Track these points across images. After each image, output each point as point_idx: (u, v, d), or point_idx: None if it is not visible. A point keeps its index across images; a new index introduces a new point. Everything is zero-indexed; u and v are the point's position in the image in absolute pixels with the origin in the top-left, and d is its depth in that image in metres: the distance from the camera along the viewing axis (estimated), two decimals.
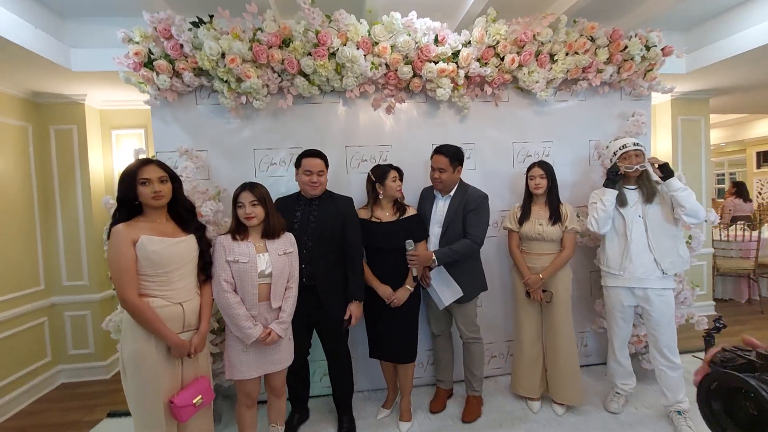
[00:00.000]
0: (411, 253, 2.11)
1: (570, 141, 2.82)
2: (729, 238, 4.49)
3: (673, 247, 2.15)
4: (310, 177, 2.06)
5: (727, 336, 3.21)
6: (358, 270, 2.14)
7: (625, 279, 2.21)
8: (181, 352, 1.59)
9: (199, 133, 2.47)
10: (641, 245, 2.16)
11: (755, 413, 0.71)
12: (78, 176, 3.11)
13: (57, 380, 3.12)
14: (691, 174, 3.80)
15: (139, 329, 1.53)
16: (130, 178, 1.56)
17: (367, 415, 2.43)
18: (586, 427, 2.24)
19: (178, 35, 2.18)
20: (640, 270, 2.16)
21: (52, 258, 3.10)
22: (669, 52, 2.67)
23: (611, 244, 2.26)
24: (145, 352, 1.54)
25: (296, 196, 2.18)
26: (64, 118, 3.08)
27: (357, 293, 2.12)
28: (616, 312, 2.30)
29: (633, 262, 2.17)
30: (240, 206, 1.80)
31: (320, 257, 2.06)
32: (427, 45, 2.39)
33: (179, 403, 1.55)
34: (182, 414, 1.56)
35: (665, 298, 2.17)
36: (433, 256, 2.13)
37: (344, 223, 2.11)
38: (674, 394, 2.17)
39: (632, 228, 2.17)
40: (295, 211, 2.11)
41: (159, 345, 1.56)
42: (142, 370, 1.53)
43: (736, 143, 8.07)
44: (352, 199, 2.22)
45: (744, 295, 4.46)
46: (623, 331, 2.32)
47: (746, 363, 0.76)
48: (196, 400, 1.60)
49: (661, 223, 2.15)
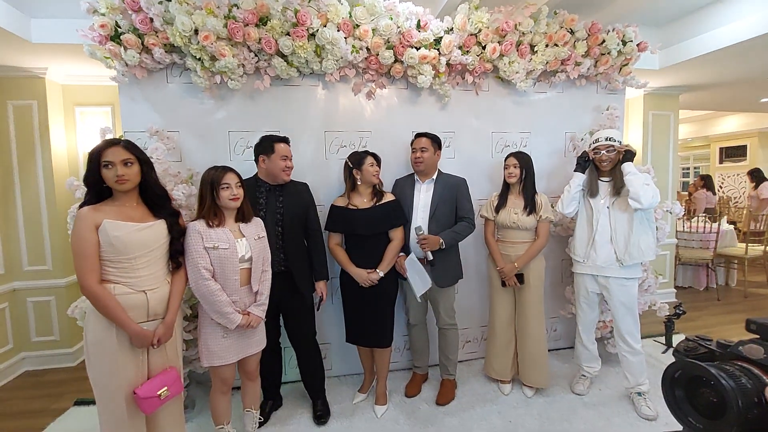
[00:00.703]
0: (422, 236, 2.18)
1: (547, 132, 2.87)
2: (691, 230, 4.72)
3: (634, 238, 2.19)
4: (286, 162, 2.07)
5: (686, 321, 3.42)
6: (320, 250, 2.23)
7: (588, 266, 2.32)
8: (143, 342, 1.52)
9: (171, 112, 2.36)
10: (605, 236, 2.24)
11: (714, 400, 0.75)
12: (39, 155, 2.93)
13: (20, 368, 3.00)
14: (659, 167, 3.95)
15: (100, 317, 1.48)
16: (94, 161, 1.49)
17: (343, 399, 2.46)
18: (553, 407, 2.34)
19: (148, 8, 2.06)
20: (602, 259, 2.25)
21: (12, 241, 2.94)
22: (644, 48, 2.73)
23: (579, 232, 2.35)
24: (106, 340, 1.48)
25: (254, 181, 2.13)
26: (22, 93, 2.88)
27: (323, 272, 2.22)
28: (581, 297, 2.41)
29: (596, 251, 2.26)
30: (225, 188, 1.75)
31: (291, 242, 2.09)
32: (409, 30, 2.35)
33: (142, 394, 1.50)
34: (146, 405, 1.51)
35: (626, 287, 2.24)
36: (441, 239, 2.21)
37: (307, 208, 2.19)
38: (635, 378, 2.29)
39: (599, 218, 2.26)
40: (257, 197, 2.08)
41: (120, 334, 1.50)
42: (103, 359, 1.49)
43: (702, 139, 8.44)
44: (307, 184, 2.27)
45: (702, 283, 4.73)
46: (588, 316, 2.42)
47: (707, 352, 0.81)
48: (162, 391, 1.54)
49: (624, 215, 2.20)
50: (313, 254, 2.21)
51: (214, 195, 1.75)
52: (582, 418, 2.25)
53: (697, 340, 0.84)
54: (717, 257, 4.57)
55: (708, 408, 0.76)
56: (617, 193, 2.22)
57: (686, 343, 0.84)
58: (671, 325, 3.08)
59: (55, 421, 2.34)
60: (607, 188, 2.27)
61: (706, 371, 0.73)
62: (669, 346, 3.06)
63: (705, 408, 0.77)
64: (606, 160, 2.23)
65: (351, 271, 2.20)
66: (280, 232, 2.07)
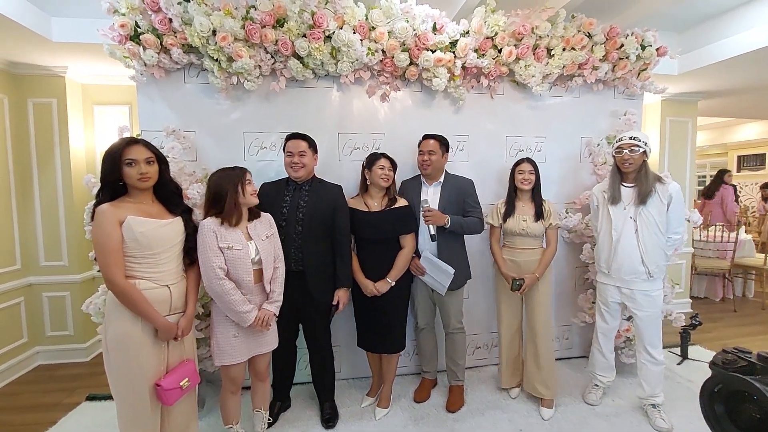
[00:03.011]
0: (426, 208, 2.14)
1: (562, 137, 2.83)
2: (708, 239, 4.62)
3: (661, 250, 2.14)
4: (291, 158, 2.06)
5: (702, 333, 3.34)
6: (346, 257, 2.14)
7: (611, 278, 2.25)
8: (168, 334, 1.56)
9: (187, 112, 2.38)
10: (630, 246, 2.14)
11: (758, 416, 0.70)
12: (57, 152, 2.98)
13: (34, 362, 3.04)
14: (676, 174, 3.87)
15: (124, 311, 1.49)
16: (115, 158, 1.50)
17: (352, 402, 2.44)
18: (565, 417, 2.30)
19: (167, 9, 2.08)
20: (627, 270, 2.15)
21: (29, 237, 2.99)
22: (663, 52, 2.69)
23: (602, 243, 2.26)
24: (131, 334, 1.50)
25: (285, 182, 2.16)
26: (43, 91, 2.94)
27: (344, 280, 2.13)
28: (602, 306, 2.35)
29: (620, 262, 2.17)
30: (248, 183, 1.79)
31: (310, 242, 2.05)
32: (425, 33, 2.35)
33: (166, 386, 1.53)
34: (169, 397, 1.54)
35: (652, 298, 2.16)
36: (447, 217, 2.17)
37: (334, 210, 2.11)
38: (652, 388, 2.23)
39: (622, 228, 2.15)
40: (284, 195, 2.09)
41: (145, 327, 1.53)
42: (127, 353, 1.50)
43: (719, 146, 8.26)
44: (341, 187, 2.20)
45: (719, 294, 4.62)
46: (609, 324, 2.36)
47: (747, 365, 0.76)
48: (183, 382, 1.58)
49: (653, 225, 2.10)
50: (337, 259, 2.12)
51: (237, 194, 1.75)
52: (594, 428, 2.20)
53: (735, 353, 0.80)
54: (734, 267, 4.46)
55: (751, 424, 0.72)
56: (643, 201, 2.10)
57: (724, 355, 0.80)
58: (687, 335, 3.00)
59: (66, 416, 2.36)
60: (630, 195, 2.16)
61: (750, 386, 0.69)
62: (684, 357, 2.99)
63: (747, 424, 0.73)
64: (629, 160, 2.11)
65: (358, 279, 2.19)
66: (300, 231, 2.04)
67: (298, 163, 2.06)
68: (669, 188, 2.10)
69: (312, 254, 2.05)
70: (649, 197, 2.09)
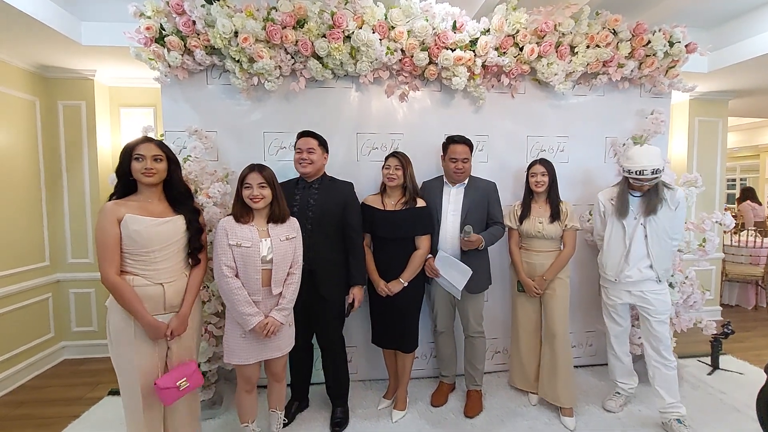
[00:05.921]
0: (467, 239, 2.11)
1: (586, 137, 2.76)
2: (740, 244, 4.42)
3: (669, 255, 2.16)
4: (300, 154, 2.07)
5: (733, 342, 3.18)
6: (359, 254, 2.12)
7: (620, 284, 2.21)
8: (156, 333, 1.56)
9: (209, 113, 2.42)
10: (640, 253, 2.14)
11: None
12: (85, 153, 3.08)
13: (60, 356, 3.13)
14: (705, 177, 3.71)
15: (120, 308, 1.54)
16: (126, 152, 1.59)
17: (368, 404, 2.42)
18: (586, 425, 2.22)
19: (191, 11, 2.13)
20: (637, 275, 2.15)
21: (58, 234, 3.09)
22: (693, 49, 2.59)
23: (609, 251, 2.22)
24: (125, 331, 1.54)
25: (296, 181, 2.17)
26: (72, 94, 3.05)
27: (359, 277, 2.11)
28: (609, 308, 2.31)
29: (631, 269, 2.16)
30: (247, 187, 1.75)
31: (320, 241, 2.04)
32: (445, 31, 2.32)
33: (162, 384, 1.54)
34: (166, 396, 1.56)
35: (662, 296, 2.16)
36: (482, 239, 2.16)
37: (344, 207, 2.10)
38: (671, 395, 2.13)
39: (633, 237, 2.14)
40: (294, 194, 2.10)
41: (138, 325, 1.55)
42: (123, 349, 1.55)
43: (750, 148, 7.92)
44: (352, 184, 2.20)
45: (751, 302, 4.41)
46: (618, 327, 2.31)
47: None
48: (181, 383, 1.58)
49: (661, 231, 2.11)
50: (351, 257, 2.11)
51: (240, 193, 1.78)
52: None
53: None
54: None
55: None
56: (652, 210, 2.09)
57: None
58: (718, 345, 2.87)
59: (89, 410, 2.41)
60: (639, 204, 2.14)
61: None
62: (715, 367, 2.85)
63: None
64: (647, 186, 2.10)
65: (371, 277, 2.18)
66: (310, 229, 2.03)
67: (306, 159, 2.05)
68: (677, 194, 2.13)
69: (322, 253, 2.04)
70: (659, 207, 2.09)
